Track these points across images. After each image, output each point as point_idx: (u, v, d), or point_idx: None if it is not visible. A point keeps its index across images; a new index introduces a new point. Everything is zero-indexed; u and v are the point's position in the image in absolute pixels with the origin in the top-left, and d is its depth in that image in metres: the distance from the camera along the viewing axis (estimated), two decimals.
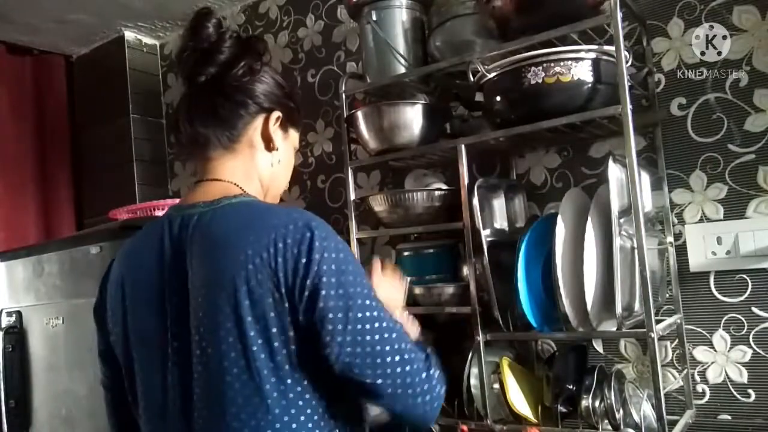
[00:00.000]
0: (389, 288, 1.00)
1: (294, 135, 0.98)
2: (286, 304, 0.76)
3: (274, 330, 0.75)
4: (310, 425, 0.78)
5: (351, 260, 0.80)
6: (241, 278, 0.75)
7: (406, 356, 0.78)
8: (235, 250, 0.76)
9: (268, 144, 0.92)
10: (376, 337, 0.77)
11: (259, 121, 0.90)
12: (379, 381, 0.77)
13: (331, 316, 0.75)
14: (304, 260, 0.76)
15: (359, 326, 0.76)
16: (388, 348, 0.77)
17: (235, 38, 0.88)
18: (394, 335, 0.78)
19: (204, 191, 0.87)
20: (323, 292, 0.75)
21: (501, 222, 1.42)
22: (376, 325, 0.77)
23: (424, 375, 0.80)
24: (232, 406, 0.76)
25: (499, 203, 1.43)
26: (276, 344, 0.76)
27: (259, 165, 0.92)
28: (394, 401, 0.79)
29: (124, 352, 0.87)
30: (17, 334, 1.66)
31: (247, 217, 0.81)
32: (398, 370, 0.77)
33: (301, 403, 0.77)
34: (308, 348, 0.77)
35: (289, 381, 0.77)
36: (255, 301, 0.75)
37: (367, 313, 0.77)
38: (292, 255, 0.76)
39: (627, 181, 1.12)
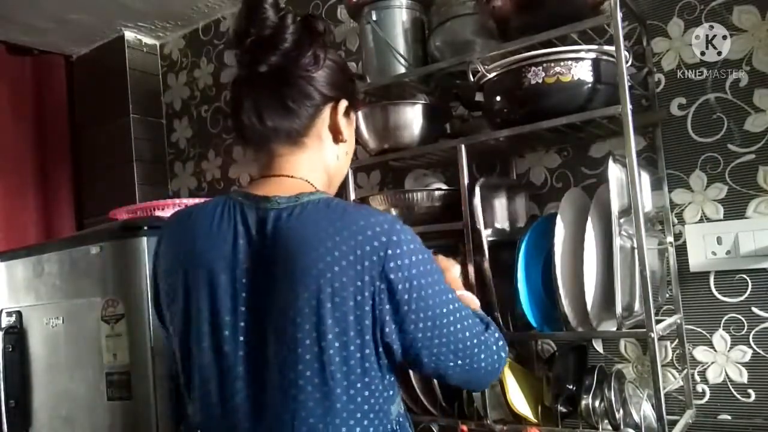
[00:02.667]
0: (451, 267, 1.07)
1: (353, 117, 0.95)
2: (367, 308, 0.75)
3: (352, 334, 0.75)
4: (371, 430, 0.78)
5: (431, 263, 0.81)
6: (326, 280, 0.74)
7: (481, 339, 0.84)
8: (321, 251, 0.75)
9: (336, 137, 0.89)
10: (456, 330, 0.81)
11: (327, 112, 0.87)
12: (459, 369, 0.82)
13: (413, 317, 0.77)
14: (391, 264, 0.75)
15: (440, 324, 0.79)
16: (466, 338, 0.82)
17: (299, 22, 0.83)
18: (468, 322, 0.83)
19: (276, 186, 0.84)
20: (406, 296, 0.76)
21: (502, 222, 1.42)
22: (454, 319, 0.81)
23: (494, 347, 0.86)
24: (302, 410, 0.75)
25: (500, 203, 1.43)
26: (351, 348, 0.75)
27: (326, 159, 0.89)
28: (468, 380, 0.86)
29: (183, 333, 0.83)
30: (17, 334, 1.66)
31: (331, 217, 0.78)
32: (477, 355, 0.83)
33: (366, 407, 0.77)
34: (379, 353, 0.78)
35: (358, 385, 0.76)
36: (337, 304, 0.74)
37: (446, 311, 0.80)
38: (379, 258, 0.75)
39: (627, 181, 1.12)
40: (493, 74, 1.24)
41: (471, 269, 1.28)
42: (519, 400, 1.25)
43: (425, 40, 1.46)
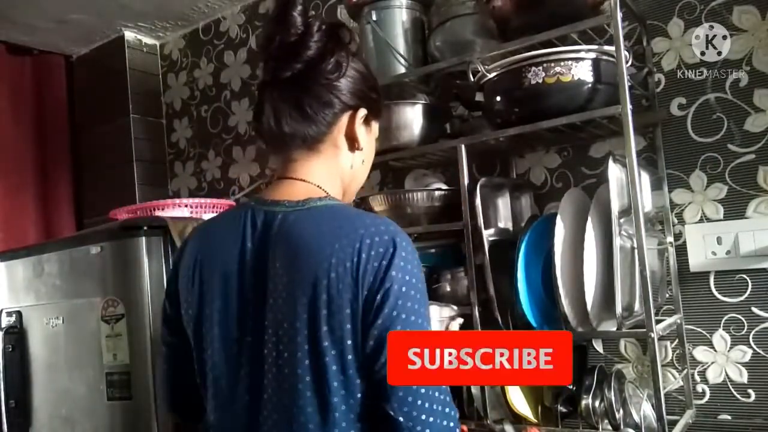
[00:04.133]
0: None
1: (376, 126, 0.94)
2: (360, 317, 0.74)
3: (349, 342, 0.74)
4: None
5: (421, 288, 0.77)
6: (322, 286, 0.73)
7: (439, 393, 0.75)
8: (319, 256, 0.75)
9: (353, 144, 0.88)
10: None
11: (344, 120, 0.87)
12: (403, 405, 0.73)
13: (384, 335, 0.73)
14: (382, 275, 0.74)
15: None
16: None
17: (324, 31, 0.83)
18: None
19: (288, 190, 0.85)
20: (386, 311, 0.73)
21: (505, 221, 1.42)
22: None
23: (447, 409, 0.75)
24: (301, 415, 0.75)
25: (503, 202, 1.43)
26: (349, 357, 0.74)
27: (341, 165, 0.89)
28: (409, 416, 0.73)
29: (196, 335, 0.85)
30: (17, 334, 1.66)
31: (334, 223, 0.78)
32: (427, 400, 0.74)
33: (364, 418, 0.75)
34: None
35: (358, 395, 0.75)
36: (333, 311, 0.73)
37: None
38: (373, 268, 0.74)
39: (627, 181, 1.12)
40: (493, 74, 1.24)
41: (470, 270, 1.28)
42: (519, 400, 1.25)
43: (425, 40, 1.46)
